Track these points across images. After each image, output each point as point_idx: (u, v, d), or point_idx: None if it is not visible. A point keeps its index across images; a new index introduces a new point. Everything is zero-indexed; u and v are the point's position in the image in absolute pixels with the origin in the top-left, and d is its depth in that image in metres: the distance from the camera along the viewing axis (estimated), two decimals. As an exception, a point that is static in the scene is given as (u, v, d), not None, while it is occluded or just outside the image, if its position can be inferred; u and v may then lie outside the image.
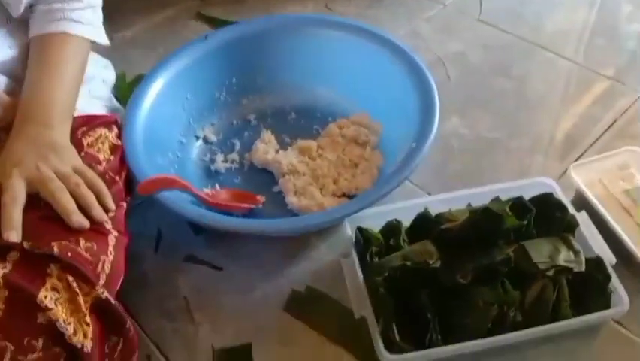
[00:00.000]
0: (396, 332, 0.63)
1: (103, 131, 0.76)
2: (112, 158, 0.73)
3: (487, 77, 1.05)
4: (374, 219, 0.75)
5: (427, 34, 1.14)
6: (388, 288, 0.64)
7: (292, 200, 0.83)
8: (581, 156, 0.90)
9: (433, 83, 0.82)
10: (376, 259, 0.69)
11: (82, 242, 0.60)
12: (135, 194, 0.74)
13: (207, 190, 0.84)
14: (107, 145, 0.75)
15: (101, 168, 0.70)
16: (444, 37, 1.14)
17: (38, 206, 0.61)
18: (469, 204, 0.74)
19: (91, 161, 0.69)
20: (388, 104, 0.88)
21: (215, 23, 1.18)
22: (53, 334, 0.54)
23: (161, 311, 0.76)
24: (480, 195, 0.74)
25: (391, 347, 0.62)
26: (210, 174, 0.90)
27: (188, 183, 0.77)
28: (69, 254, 0.57)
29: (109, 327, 0.59)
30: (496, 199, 0.71)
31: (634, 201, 0.77)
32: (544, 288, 0.65)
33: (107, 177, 0.69)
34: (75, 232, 0.60)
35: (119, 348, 0.60)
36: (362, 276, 0.68)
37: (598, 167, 0.81)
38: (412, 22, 1.17)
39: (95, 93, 0.81)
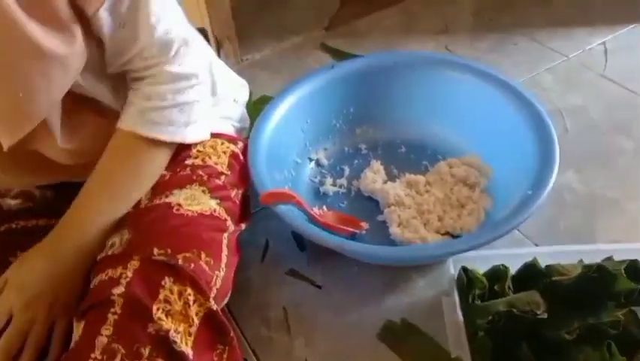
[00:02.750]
0: (492, 377, 0.62)
1: (226, 143, 0.79)
2: (230, 173, 0.76)
3: (606, 134, 1.03)
4: (478, 262, 0.75)
5: (548, 85, 1.13)
6: (489, 332, 0.64)
7: (396, 231, 0.85)
8: None
9: (554, 132, 0.82)
10: (478, 302, 0.69)
11: (203, 255, 0.63)
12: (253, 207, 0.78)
13: (316, 210, 0.87)
14: (227, 157, 0.78)
15: (220, 181, 0.72)
16: (565, 89, 1.12)
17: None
18: (581, 260, 0.72)
19: (210, 173, 0.72)
20: (503, 148, 0.88)
21: (338, 55, 1.24)
22: (159, 343, 0.56)
23: (261, 319, 0.80)
24: (592, 252, 0.73)
25: (485, 391, 0.62)
26: (319, 196, 0.94)
27: (302, 200, 0.81)
28: (192, 266, 0.60)
29: (216, 336, 0.62)
30: (610, 259, 0.69)
31: None
32: (654, 358, 0.62)
33: (225, 192, 0.71)
34: (196, 245, 0.63)
35: (225, 356, 0.63)
36: (462, 316, 0.68)
37: None
38: (532, 72, 1.17)
39: (224, 113, 0.84)
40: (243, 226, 0.75)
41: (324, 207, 0.90)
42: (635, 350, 0.63)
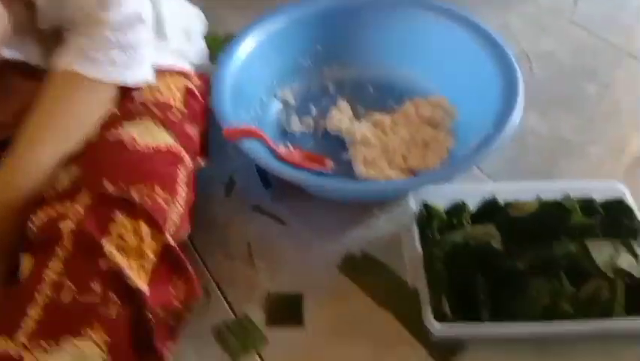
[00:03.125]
0: (447, 305, 0.64)
1: (180, 79, 0.77)
2: (186, 110, 0.74)
3: (572, 79, 1.04)
4: (439, 197, 0.76)
5: (517, 29, 1.13)
6: (446, 263, 0.66)
7: (360, 169, 0.85)
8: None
9: (519, 74, 0.82)
10: (437, 236, 0.70)
11: (157, 189, 0.61)
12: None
13: (282, 148, 0.87)
14: (181, 93, 0.75)
15: (173, 117, 0.70)
16: (534, 33, 1.12)
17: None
18: (539, 198, 0.74)
19: (163, 108, 0.70)
20: (469, 90, 0.89)
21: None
22: (111, 279, 0.55)
23: (224, 252, 0.80)
24: (550, 190, 0.74)
25: (440, 319, 0.64)
26: (285, 135, 0.93)
27: (268, 137, 0.80)
28: (146, 199, 0.59)
29: (173, 271, 0.62)
30: (567, 196, 0.71)
31: None
32: (600, 287, 0.65)
33: (180, 127, 0.70)
34: (151, 178, 0.61)
35: (182, 289, 0.63)
36: (421, 249, 0.70)
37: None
38: (503, 16, 1.16)
39: (176, 46, 0.80)
40: (203, 162, 0.74)
41: (290, 146, 0.90)
42: (584, 281, 0.66)
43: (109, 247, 0.56)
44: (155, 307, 0.59)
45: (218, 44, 1.05)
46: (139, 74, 0.68)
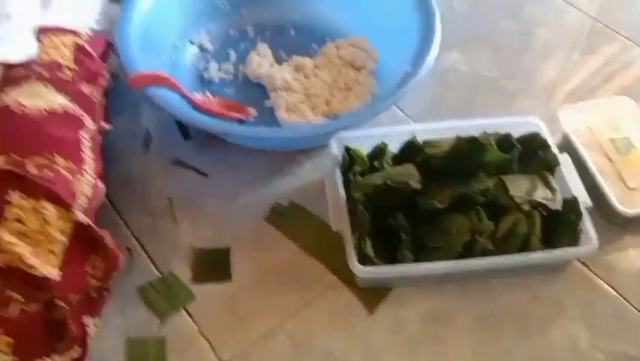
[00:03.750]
0: (370, 247, 0.65)
1: (67, 36, 0.69)
2: (78, 67, 0.67)
3: (494, 16, 1.04)
4: (362, 141, 0.75)
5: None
6: (367, 206, 0.66)
7: (283, 115, 0.83)
8: (572, 102, 0.90)
9: (436, 10, 0.81)
10: (359, 178, 0.70)
11: (59, 159, 0.55)
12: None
13: (199, 96, 0.83)
14: (70, 51, 0.69)
15: (65, 76, 0.63)
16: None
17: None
18: (457, 136, 0.74)
19: (51, 68, 0.63)
20: (389, 31, 0.87)
21: None
22: (9, 274, 0.50)
23: (145, 209, 0.77)
24: (469, 128, 0.74)
25: (364, 262, 0.65)
26: (203, 83, 0.89)
27: (179, 83, 0.76)
28: (46, 173, 0.52)
29: (88, 248, 0.57)
30: (483, 133, 0.72)
31: (618, 151, 0.78)
32: (517, 221, 0.67)
33: (74, 86, 0.64)
34: (48, 147, 0.54)
35: (100, 265, 0.59)
36: (344, 193, 0.70)
37: (587, 113, 0.82)
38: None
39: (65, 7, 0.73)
40: (107, 125, 0.69)
41: (208, 93, 0.86)
42: (502, 216, 0.68)
43: (6, 236, 0.50)
44: (68, 294, 0.54)
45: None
46: (19, 49, 0.60)
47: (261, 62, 0.89)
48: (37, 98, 0.58)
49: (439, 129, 0.75)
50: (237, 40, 0.94)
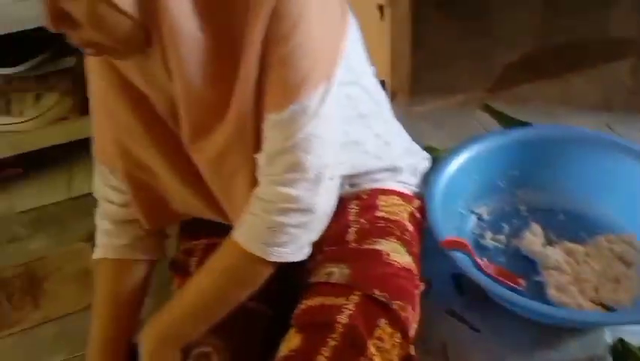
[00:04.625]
0: None
1: (405, 203, 0.82)
2: (413, 231, 0.80)
3: None
4: (633, 335, 0.81)
5: None
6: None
7: (553, 293, 0.92)
8: None
9: None
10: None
11: (409, 307, 0.70)
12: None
13: (482, 261, 0.97)
14: (407, 215, 0.81)
15: (408, 238, 0.77)
16: None
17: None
18: None
19: (402, 229, 0.77)
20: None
21: (500, 118, 1.33)
22: None
23: (423, 350, 0.89)
24: None
25: None
26: (479, 248, 1.03)
27: (472, 250, 0.91)
28: (404, 313, 0.68)
29: None
30: None
31: None
32: None
33: (413, 249, 0.77)
34: (406, 296, 0.70)
35: None
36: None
37: None
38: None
39: (403, 179, 0.84)
40: (422, 286, 0.80)
41: (485, 259, 0.99)
42: None
43: (372, 349, 0.65)
44: None
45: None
46: (298, 255, 0.67)
47: (534, 240, 1.01)
48: (398, 255, 0.74)
49: None
50: (510, 216, 1.08)
